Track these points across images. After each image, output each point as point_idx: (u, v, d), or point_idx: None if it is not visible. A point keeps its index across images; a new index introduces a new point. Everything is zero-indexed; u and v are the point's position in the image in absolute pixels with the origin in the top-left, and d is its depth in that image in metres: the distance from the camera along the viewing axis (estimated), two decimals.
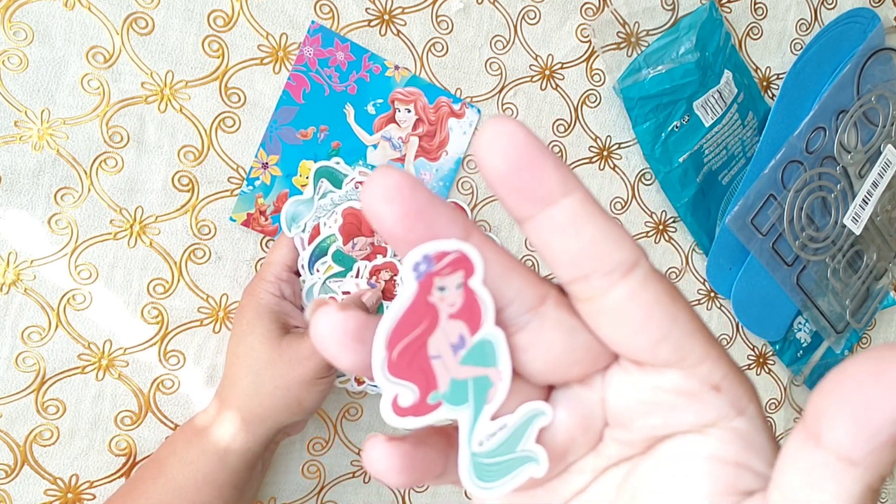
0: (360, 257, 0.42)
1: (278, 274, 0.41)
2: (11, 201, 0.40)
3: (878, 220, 0.59)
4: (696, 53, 0.50)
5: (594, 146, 0.52)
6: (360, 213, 0.42)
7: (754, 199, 0.53)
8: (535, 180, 0.14)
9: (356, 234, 0.42)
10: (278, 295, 0.40)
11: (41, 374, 0.41)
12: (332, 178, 0.43)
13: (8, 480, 0.41)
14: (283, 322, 0.39)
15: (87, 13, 0.40)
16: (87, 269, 0.41)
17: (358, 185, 0.43)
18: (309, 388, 0.38)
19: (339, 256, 0.42)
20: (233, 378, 0.39)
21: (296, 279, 0.42)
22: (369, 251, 0.42)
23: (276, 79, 0.44)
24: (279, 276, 0.41)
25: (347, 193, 0.43)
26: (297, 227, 0.42)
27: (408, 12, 0.46)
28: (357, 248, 0.42)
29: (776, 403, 0.61)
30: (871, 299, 0.61)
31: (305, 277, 0.42)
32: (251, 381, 0.38)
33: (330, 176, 0.43)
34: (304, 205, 0.42)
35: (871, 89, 0.56)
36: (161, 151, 0.42)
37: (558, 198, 0.14)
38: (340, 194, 0.42)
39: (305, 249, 0.42)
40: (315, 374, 0.37)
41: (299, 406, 0.38)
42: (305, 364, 0.37)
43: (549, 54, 0.50)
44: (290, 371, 0.37)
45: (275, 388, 0.37)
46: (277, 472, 0.47)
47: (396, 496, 0.50)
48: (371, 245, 0.42)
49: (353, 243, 0.42)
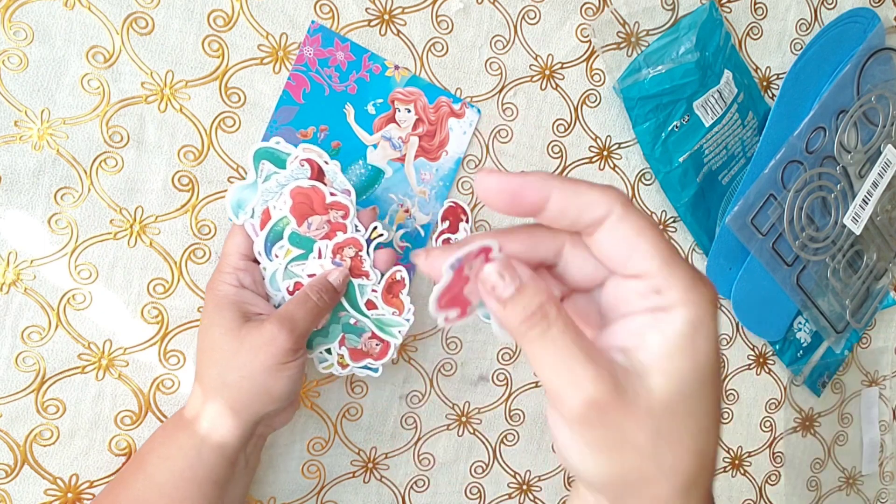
0: (318, 237, 0.41)
1: (234, 264, 0.40)
2: (11, 201, 0.40)
3: (878, 220, 0.59)
4: (696, 53, 0.50)
5: (594, 146, 0.52)
6: (309, 191, 0.40)
7: (754, 199, 0.53)
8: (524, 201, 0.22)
9: (309, 213, 0.40)
10: (236, 285, 0.39)
11: (41, 373, 0.41)
12: (273, 158, 0.40)
13: (8, 480, 0.41)
14: (243, 311, 0.38)
15: (87, 13, 0.40)
16: (87, 269, 0.41)
17: (303, 163, 0.40)
18: (275, 375, 0.37)
19: (295, 239, 0.40)
20: (201, 373, 0.39)
21: (255, 267, 0.41)
22: (327, 229, 0.41)
23: (276, 79, 0.44)
24: (235, 265, 0.40)
25: (293, 173, 0.40)
26: (244, 214, 0.40)
27: (408, 12, 0.46)
28: (314, 228, 0.40)
29: (776, 403, 0.61)
30: (871, 299, 0.61)
31: (265, 264, 0.41)
32: (217, 373, 0.37)
33: (271, 157, 0.40)
34: (248, 189, 0.40)
35: (871, 89, 0.56)
36: (161, 151, 0.42)
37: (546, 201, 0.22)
38: (286, 174, 0.40)
39: (259, 236, 0.40)
40: (278, 360, 0.37)
41: (268, 395, 0.37)
42: (266, 350, 0.36)
43: (549, 54, 0.50)
44: (252, 359, 0.37)
45: (240, 378, 0.37)
46: (277, 472, 0.47)
47: (396, 496, 0.50)
48: (328, 223, 0.40)
49: (309, 223, 0.40)
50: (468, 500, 0.52)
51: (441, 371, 0.50)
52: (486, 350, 0.51)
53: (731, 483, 0.60)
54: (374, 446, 0.49)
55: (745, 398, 0.59)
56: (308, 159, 0.40)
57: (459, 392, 0.51)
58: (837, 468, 0.65)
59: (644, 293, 0.23)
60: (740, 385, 0.59)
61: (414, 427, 0.50)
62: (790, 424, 0.62)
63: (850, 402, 0.65)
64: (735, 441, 0.60)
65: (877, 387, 0.66)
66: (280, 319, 0.37)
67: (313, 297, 0.39)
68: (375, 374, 0.44)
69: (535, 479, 0.53)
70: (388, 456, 0.49)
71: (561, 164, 0.51)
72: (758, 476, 0.61)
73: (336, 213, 0.40)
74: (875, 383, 0.66)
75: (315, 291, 0.39)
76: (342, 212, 0.40)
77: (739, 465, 0.60)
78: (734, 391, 0.59)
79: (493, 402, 0.52)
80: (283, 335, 0.36)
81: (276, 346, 0.36)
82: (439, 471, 0.51)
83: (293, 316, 0.38)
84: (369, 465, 0.49)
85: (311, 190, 0.40)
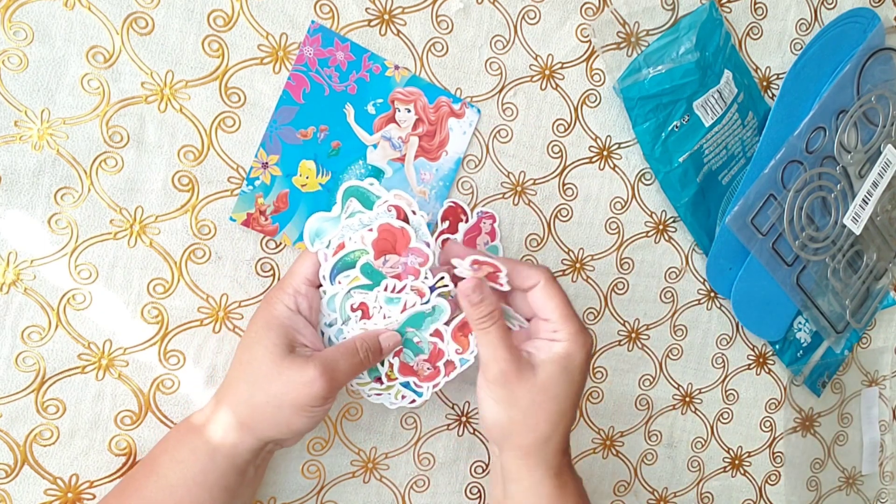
0: (389, 275, 0.41)
1: (297, 287, 0.40)
2: (11, 201, 0.40)
3: (878, 220, 0.59)
4: (696, 53, 0.50)
5: (594, 146, 0.52)
6: (397, 230, 0.41)
7: (754, 199, 0.53)
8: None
9: (389, 251, 0.41)
10: (293, 308, 0.40)
11: (41, 373, 0.41)
12: (362, 198, 0.41)
13: (8, 480, 0.41)
14: (290, 337, 0.39)
15: (87, 13, 0.40)
16: (87, 269, 0.41)
17: (391, 209, 0.41)
18: (300, 414, 0.37)
19: (367, 269, 0.41)
20: (231, 382, 0.39)
21: (315, 294, 0.41)
22: (400, 270, 0.41)
23: (276, 79, 0.44)
24: (297, 288, 0.40)
25: (378, 216, 0.41)
26: (320, 243, 0.41)
27: (408, 12, 0.46)
28: (388, 266, 0.41)
29: (776, 403, 0.61)
30: (871, 299, 0.61)
31: (326, 288, 0.41)
32: (246, 389, 0.38)
33: (360, 196, 0.41)
34: (330, 222, 0.41)
35: (871, 89, 0.56)
36: (161, 151, 0.42)
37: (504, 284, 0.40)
38: (370, 216, 0.41)
39: (328, 261, 0.41)
40: (310, 402, 0.37)
41: (287, 427, 0.38)
42: (302, 390, 0.37)
43: (549, 54, 0.50)
44: (285, 392, 0.37)
45: (266, 404, 0.37)
46: (277, 472, 0.47)
47: (396, 496, 0.50)
48: (404, 265, 0.41)
49: (385, 260, 0.41)
50: (468, 500, 0.52)
51: None
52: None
53: (731, 483, 0.60)
54: (374, 446, 0.49)
55: (745, 398, 0.59)
56: (396, 206, 0.41)
57: (459, 392, 0.51)
58: (837, 468, 0.65)
59: (548, 331, 0.40)
60: (740, 385, 0.59)
61: (414, 427, 0.50)
62: (790, 424, 0.62)
63: (850, 402, 0.65)
64: (735, 441, 0.60)
65: (877, 387, 0.66)
66: (323, 366, 0.37)
67: (360, 352, 0.40)
68: (420, 398, 0.44)
69: None
70: (388, 456, 0.49)
71: (561, 163, 0.51)
72: (758, 476, 0.61)
73: (415, 258, 0.41)
74: (875, 383, 0.66)
75: (364, 348, 0.40)
76: (421, 259, 0.41)
77: (739, 465, 0.60)
78: (734, 391, 0.59)
79: None
80: (321, 382, 0.37)
81: (312, 391, 0.37)
82: (439, 471, 0.51)
83: (336, 366, 0.38)
84: (369, 465, 0.49)
85: (399, 231, 0.41)
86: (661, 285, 0.55)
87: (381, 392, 0.44)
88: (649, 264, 0.55)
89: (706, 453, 0.59)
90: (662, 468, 0.57)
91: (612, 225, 0.53)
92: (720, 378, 0.58)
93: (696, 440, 0.58)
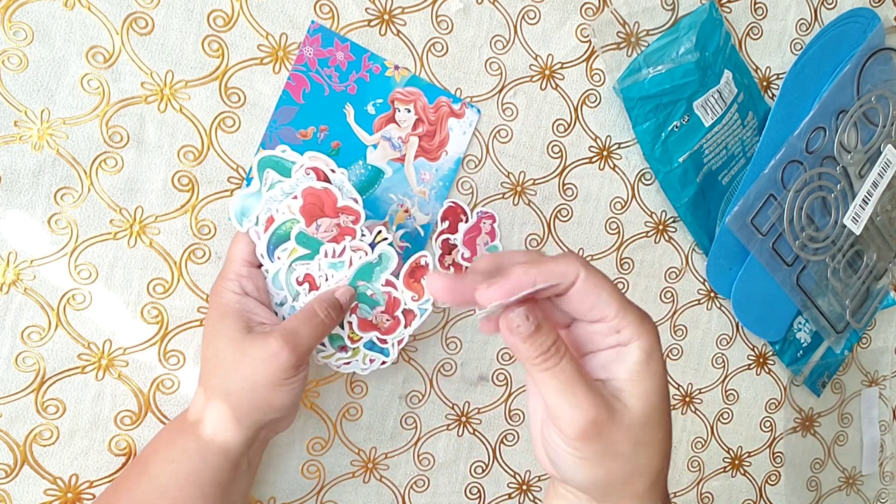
0: (326, 239, 0.40)
1: (237, 270, 0.40)
2: (11, 201, 0.40)
3: (878, 220, 0.59)
4: (696, 53, 0.50)
5: (594, 146, 0.52)
6: (321, 192, 0.39)
7: (754, 199, 0.53)
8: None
9: (319, 214, 0.39)
10: (239, 292, 0.39)
11: (41, 373, 0.41)
12: (278, 167, 0.40)
13: (8, 480, 0.41)
14: (246, 320, 0.38)
15: (87, 13, 0.40)
16: (86, 269, 0.41)
17: (309, 171, 0.40)
18: (276, 389, 0.37)
19: (303, 238, 0.40)
20: (205, 379, 0.39)
21: (258, 273, 0.41)
22: (335, 233, 0.40)
23: (276, 79, 0.44)
24: (239, 272, 0.40)
25: (298, 181, 0.40)
26: (248, 221, 0.40)
27: (408, 12, 0.46)
28: (322, 230, 0.40)
29: (776, 403, 0.61)
30: (871, 299, 0.61)
31: (267, 266, 0.40)
32: (219, 381, 0.38)
33: (276, 165, 0.40)
34: (252, 197, 0.40)
35: (871, 89, 0.56)
36: (161, 151, 0.42)
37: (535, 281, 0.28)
38: (290, 183, 0.40)
39: (261, 238, 0.40)
40: (280, 375, 0.36)
41: (269, 406, 0.37)
42: (268, 365, 0.36)
43: (549, 54, 0.50)
44: (254, 372, 0.36)
45: (241, 389, 0.37)
46: (277, 472, 0.47)
47: (396, 496, 0.50)
48: (337, 226, 0.40)
49: (318, 225, 0.40)
50: (468, 500, 0.52)
51: (441, 371, 0.50)
52: (486, 350, 0.51)
53: (731, 483, 0.60)
54: (374, 446, 0.49)
55: (745, 398, 0.59)
56: (314, 167, 0.40)
57: (459, 392, 0.51)
58: (837, 468, 0.65)
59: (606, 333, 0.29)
60: (740, 385, 0.59)
61: (414, 427, 0.50)
62: (790, 424, 0.62)
63: (850, 402, 0.65)
64: (735, 441, 0.60)
65: (877, 387, 0.66)
66: (284, 335, 0.37)
67: (321, 313, 0.39)
68: (388, 357, 0.43)
69: (534, 479, 0.53)
70: (388, 456, 0.49)
71: (561, 163, 0.51)
72: (758, 476, 0.61)
73: (346, 217, 0.40)
74: (875, 383, 0.66)
75: (323, 308, 0.39)
76: (353, 217, 0.40)
77: (739, 465, 0.60)
78: (734, 391, 0.59)
79: (493, 402, 0.52)
80: (286, 352, 0.36)
81: (279, 363, 0.36)
82: (439, 471, 0.51)
83: (297, 332, 0.37)
84: (369, 465, 0.49)
85: (323, 192, 0.39)
86: (661, 285, 0.55)
87: (350, 360, 0.43)
88: (649, 264, 0.55)
89: (706, 453, 0.59)
90: None
91: (612, 225, 0.53)
92: (720, 378, 0.58)
93: (696, 440, 0.58)
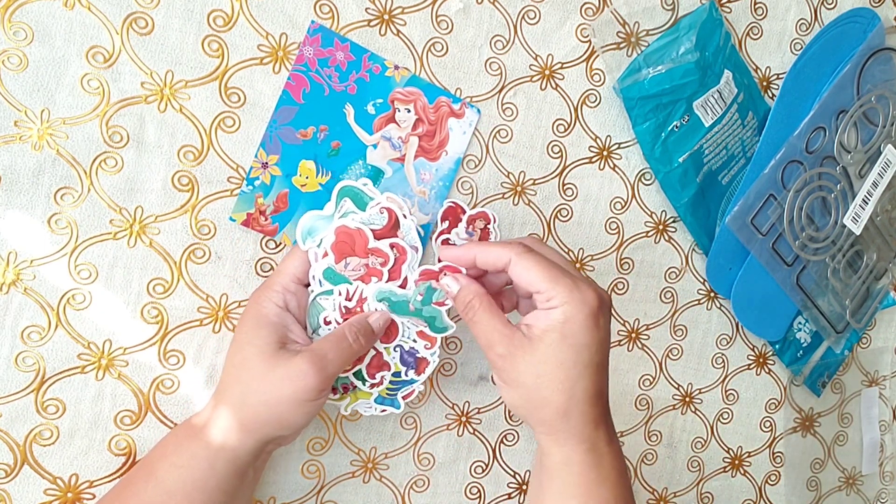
0: (353, 278, 0.41)
1: (286, 284, 0.40)
2: (11, 201, 0.40)
3: (878, 220, 0.59)
4: (696, 53, 0.50)
5: (594, 146, 0.52)
6: (354, 232, 0.40)
7: (754, 199, 0.53)
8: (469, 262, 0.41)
9: (349, 253, 0.41)
10: (282, 306, 0.39)
11: (41, 373, 0.41)
12: (356, 198, 0.41)
13: (8, 480, 0.41)
14: (281, 335, 0.38)
15: (87, 13, 0.40)
16: (86, 269, 0.41)
17: (383, 211, 0.41)
18: (295, 409, 0.37)
19: (329, 274, 0.41)
20: (226, 386, 0.39)
21: (303, 292, 0.41)
22: (363, 272, 0.41)
23: (276, 79, 0.44)
24: (286, 286, 0.40)
25: (371, 216, 0.41)
26: (311, 241, 0.41)
27: (408, 12, 0.46)
28: (350, 269, 0.41)
29: (776, 403, 0.61)
30: (871, 299, 0.61)
31: (315, 288, 0.41)
32: (240, 391, 0.38)
33: (354, 196, 0.41)
34: (323, 220, 0.41)
35: (871, 89, 0.56)
36: (161, 151, 0.42)
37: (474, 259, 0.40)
38: (363, 217, 0.41)
39: (318, 262, 0.41)
40: (302, 396, 0.37)
41: (285, 423, 0.38)
42: (294, 384, 0.36)
43: (549, 54, 0.50)
44: (278, 389, 0.37)
45: (259, 403, 0.37)
46: (277, 472, 0.47)
47: (396, 496, 0.50)
48: (365, 266, 0.41)
49: (346, 263, 0.41)
50: (468, 500, 0.52)
51: (441, 371, 0.50)
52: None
53: (730, 483, 0.60)
54: (374, 446, 0.49)
55: (744, 398, 0.59)
56: (388, 208, 0.41)
57: (459, 392, 0.51)
58: (837, 468, 0.65)
59: (542, 301, 0.37)
60: (740, 385, 0.59)
61: (414, 427, 0.50)
62: (790, 424, 0.62)
63: (850, 402, 0.65)
64: (735, 441, 0.60)
65: (877, 387, 0.66)
66: (312, 357, 0.37)
67: (349, 337, 0.39)
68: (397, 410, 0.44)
69: None
70: (387, 456, 0.49)
71: (561, 163, 0.51)
72: (758, 476, 0.61)
73: (375, 259, 0.41)
74: (875, 383, 0.66)
75: (353, 332, 0.39)
76: (382, 259, 0.41)
77: (739, 465, 0.60)
78: (734, 391, 0.59)
79: (493, 401, 0.52)
80: (312, 374, 0.37)
81: (304, 384, 0.36)
82: (439, 471, 0.51)
83: (326, 355, 0.38)
84: (369, 465, 0.49)
85: (356, 232, 0.40)
86: (661, 285, 0.55)
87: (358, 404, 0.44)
88: (649, 264, 0.55)
89: (706, 453, 0.59)
90: (662, 468, 0.57)
91: (612, 225, 0.53)
92: (720, 378, 0.58)
93: (696, 440, 0.58)
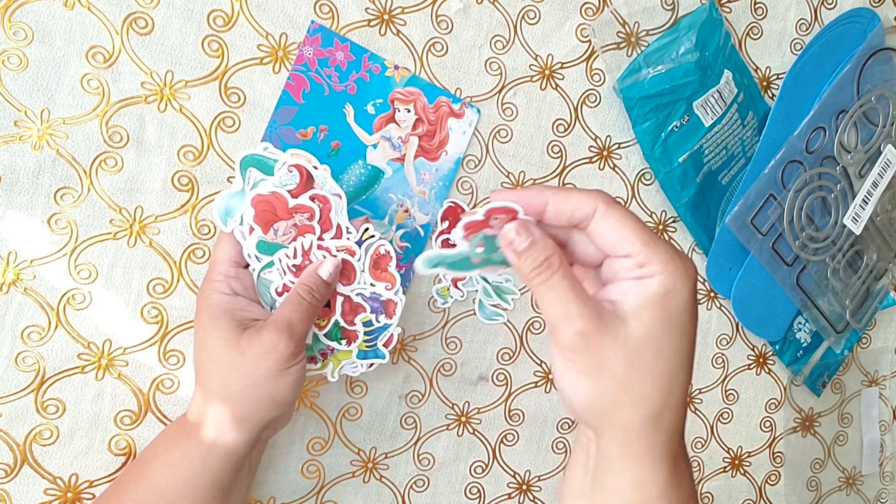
0: (286, 242, 0.40)
1: (225, 271, 0.39)
2: (11, 201, 0.40)
3: (878, 220, 0.59)
4: (695, 53, 0.50)
5: (594, 146, 0.52)
6: (270, 198, 0.39)
7: (754, 199, 0.53)
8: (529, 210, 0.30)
9: (274, 219, 0.39)
10: (229, 293, 0.39)
11: (41, 373, 0.41)
12: (260, 165, 0.40)
13: (8, 480, 0.41)
14: (239, 319, 0.38)
15: (86, 13, 0.40)
16: (86, 269, 0.41)
17: (291, 169, 0.39)
18: (278, 381, 0.37)
19: (263, 247, 0.40)
20: (203, 382, 0.38)
21: (246, 273, 0.40)
22: (294, 233, 0.40)
23: (276, 79, 0.44)
24: (226, 272, 0.39)
25: (281, 179, 0.39)
26: (233, 221, 0.39)
27: (408, 12, 0.46)
28: (280, 234, 0.39)
29: (776, 403, 0.61)
30: (871, 299, 0.61)
31: (255, 266, 0.40)
32: (219, 384, 0.37)
33: (258, 164, 0.39)
34: (236, 197, 0.40)
35: (871, 89, 0.56)
36: (161, 151, 0.42)
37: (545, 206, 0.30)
38: (274, 181, 0.39)
39: (247, 240, 0.39)
40: (280, 366, 0.37)
41: (273, 401, 0.37)
42: (268, 357, 0.36)
43: (549, 54, 0.50)
44: (255, 367, 0.36)
45: (244, 388, 0.37)
46: (277, 472, 0.47)
47: (396, 496, 0.50)
48: (294, 227, 0.39)
49: (275, 230, 0.39)
50: (468, 500, 0.52)
51: (441, 371, 0.50)
52: (486, 350, 0.51)
53: (731, 483, 0.60)
54: (374, 446, 0.49)
55: (745, 398, 0.59)
56: (296, 165, 0.39)
57: (459, 392, 0.51)
58: (837, 468, 0.65)
59: (631, 268, 0.29)
60: (740, 385, 0.59)
61: (414, 427, 0.50)
62: (790, 424, 0.62)
63: (850, 402, 0.65)
64: (735, 441, 0.60)
65: (877, 387, 0.66)
66: (278, 325, 0.37)
67: (306, 297, 0.39)
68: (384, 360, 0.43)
69: (534, 479, 0.53)
70: (387, 456, 0.49)
71: (561, 163, 0.51)
72: (758, 476, 0.61)
73: (301, 216, 0.40)
74: (875, 383, 0.66)
75: (305, 290, 0.39)
76: (307, 213, 0.40)
77: (739, 465, 0.60)
78: (734, 391, 0.59)
79: (493, 402, 0.52)
80: (283, 341, 0.36)
81: (278, 353, 0.36)
82: (439, 471, 0.51)
83: (290, 320, 0.37)
84: (369, 465, 0.49)
85: (272, 197, 0.39)
86: None
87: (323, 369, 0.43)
88: None
89: (706, 453, 0.59)
90: None
91: None
92: (720, 378, 0.58)
93: (696, 440, 0.58)
